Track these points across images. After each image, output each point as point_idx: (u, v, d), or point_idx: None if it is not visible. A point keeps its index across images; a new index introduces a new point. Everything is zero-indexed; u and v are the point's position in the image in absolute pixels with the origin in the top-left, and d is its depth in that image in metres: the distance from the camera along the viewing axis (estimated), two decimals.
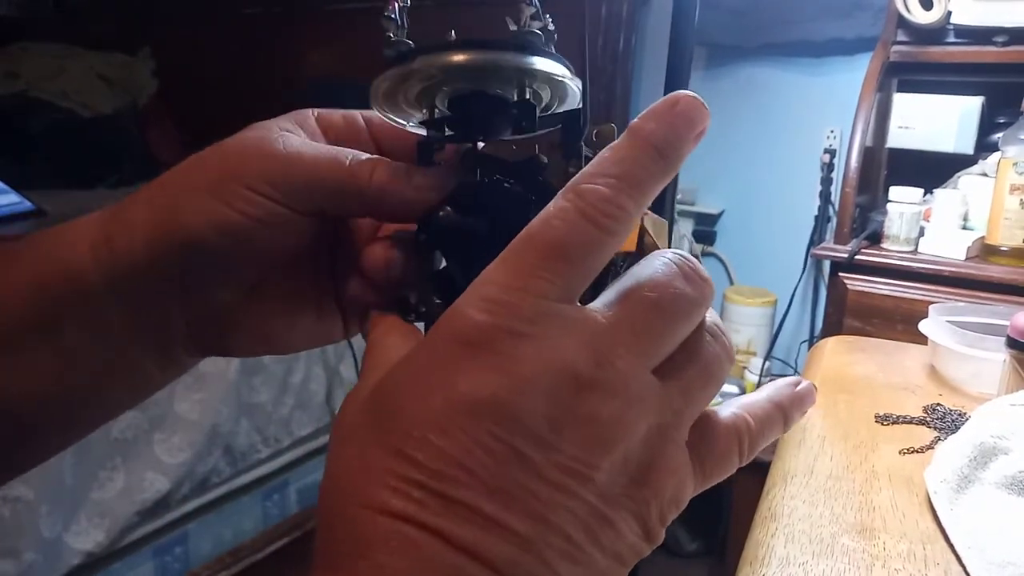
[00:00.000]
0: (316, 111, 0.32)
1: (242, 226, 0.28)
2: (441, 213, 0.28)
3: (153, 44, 2.61)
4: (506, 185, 0.27)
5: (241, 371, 1.31)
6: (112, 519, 1.12)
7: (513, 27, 0.27)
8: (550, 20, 0.28)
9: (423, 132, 0.30)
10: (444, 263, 0.29)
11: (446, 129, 0.29)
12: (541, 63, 0.27)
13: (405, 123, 0.31)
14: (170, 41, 2.59)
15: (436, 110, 0.30)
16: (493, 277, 0.22)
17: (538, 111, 0.29)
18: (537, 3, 0.27)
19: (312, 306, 0.33)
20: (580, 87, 0.28)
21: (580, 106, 0.28)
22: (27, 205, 1.61)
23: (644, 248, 0.27)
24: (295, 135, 0.30)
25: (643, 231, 0.27)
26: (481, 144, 0.28)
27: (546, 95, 0.30)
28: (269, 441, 1.40)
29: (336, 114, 0.32)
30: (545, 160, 0.27)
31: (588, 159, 0.25)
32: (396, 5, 0.28)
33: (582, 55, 0.28)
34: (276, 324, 0.33)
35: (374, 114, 0.31)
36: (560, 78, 0.28)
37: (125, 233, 0.29)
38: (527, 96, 0.28)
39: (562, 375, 0.21)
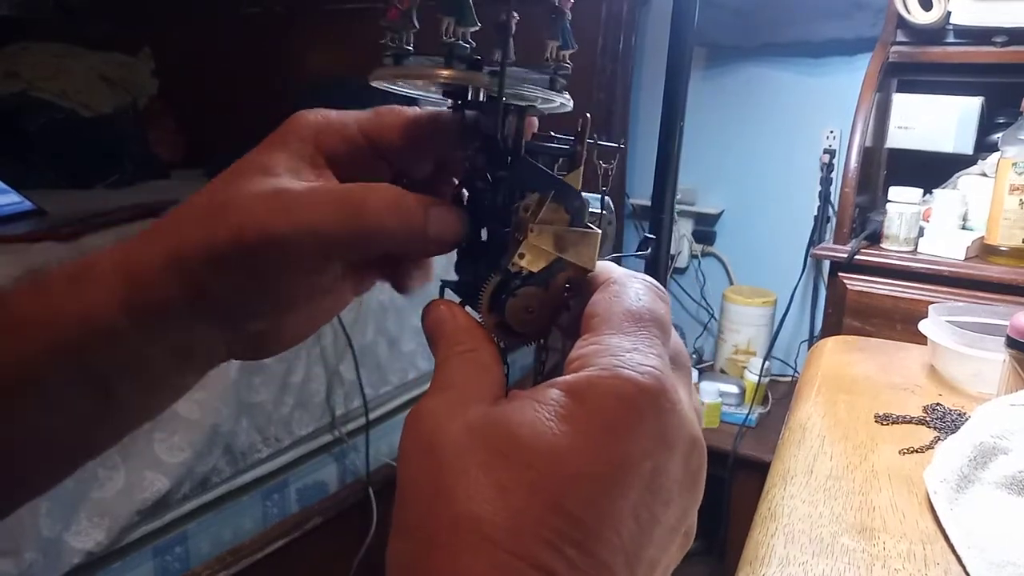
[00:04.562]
0: (312, 126, 0.31)
1: (264, 292, 0.29)
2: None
3: (153, 44, 2.61)
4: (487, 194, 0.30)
5: (241, 371, 1.31)
6: (112, 518, 1.12)
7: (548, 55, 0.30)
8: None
9: (418, 94, 0.33)
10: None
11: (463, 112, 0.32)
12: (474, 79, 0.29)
13: (403, 90, 0.33)
14: (170, 41, 2.59)
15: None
16: (640, 348, 0.24)
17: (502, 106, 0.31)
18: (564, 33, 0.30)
19: (331, 301, 0.34)
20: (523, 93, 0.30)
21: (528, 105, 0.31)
22: (27, 205, 1.61)
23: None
24: (294, 181, 0.29)
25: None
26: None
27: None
28: (269, 441, 1.40)
29: (332, 129, 0.32)
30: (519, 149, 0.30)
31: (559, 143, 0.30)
32: (397, 10, 0.30)
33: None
34: (301, 330, 0.34)
35: (365, 116, 0.32)
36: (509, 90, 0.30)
37: (155, 293, 0.29)
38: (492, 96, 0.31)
39: (691, 441, 0.24)
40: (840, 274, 1.52)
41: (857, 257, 1.49)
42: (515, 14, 0.29)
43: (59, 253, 1.32)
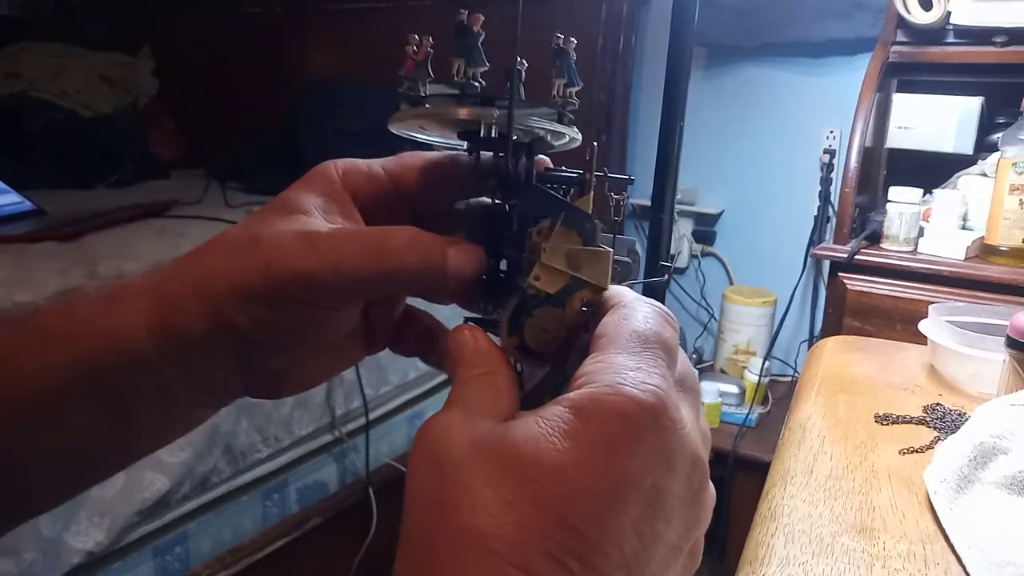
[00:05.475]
0: (341, 169, 0.33)
1: (287, 327, 0.30)
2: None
3: (153, 44, 2.61)
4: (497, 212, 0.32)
5: None
6: (112, 518, 1.12)
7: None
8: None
9: (432, 140, 0.35)
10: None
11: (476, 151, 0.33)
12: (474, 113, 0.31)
13: (423, 136, 0.35)
14: (170, 41, 2.59)
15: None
16: (643, 367, 0.25)
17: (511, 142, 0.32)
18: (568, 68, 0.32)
19: (347, 349, 0.36)
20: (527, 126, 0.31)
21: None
22: (27, 205, 1.61)
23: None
24: (325, 221, 0.31)
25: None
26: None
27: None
28: (269, 441, 1.40)
29: (360, 172, 0.33)
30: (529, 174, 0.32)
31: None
32: (413, 61, 0.31)
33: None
34: (316, 375, 0.36)
35: (389, 160, 0.34)
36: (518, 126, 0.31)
37: (180, 319, 0.29)
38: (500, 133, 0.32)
39: (692, 460, 0.25)
40: (840, 274, 1.52)
41: (857, 257, 1.49)
42: (524, 63, 0.30)
43: (59, 253, 1.32)
